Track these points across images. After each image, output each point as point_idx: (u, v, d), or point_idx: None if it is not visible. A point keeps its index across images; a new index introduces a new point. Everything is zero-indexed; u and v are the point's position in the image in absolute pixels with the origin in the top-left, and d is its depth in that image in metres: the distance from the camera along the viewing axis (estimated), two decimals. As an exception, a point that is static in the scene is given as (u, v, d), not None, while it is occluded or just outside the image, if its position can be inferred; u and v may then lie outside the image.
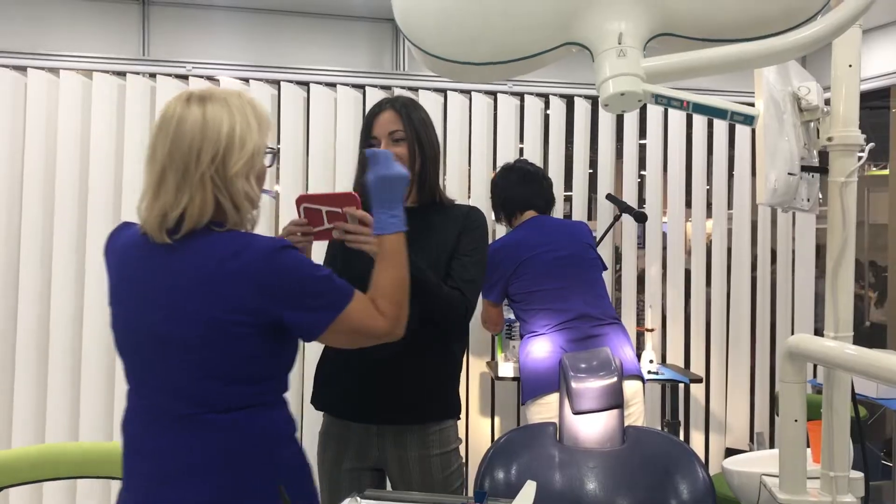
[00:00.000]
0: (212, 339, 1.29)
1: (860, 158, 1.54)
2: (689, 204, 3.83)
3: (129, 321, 1.37)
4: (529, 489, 1.19)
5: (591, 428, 1.97)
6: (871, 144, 1.58)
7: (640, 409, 2.71)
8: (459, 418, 1.99)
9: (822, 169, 1.62)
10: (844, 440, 1.60)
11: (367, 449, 1.88)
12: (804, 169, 1.63)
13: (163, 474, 1.33)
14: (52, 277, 3.13)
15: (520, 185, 2.94)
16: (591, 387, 1.98)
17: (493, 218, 3.10)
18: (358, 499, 1.20)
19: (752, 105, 1.46)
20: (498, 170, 3.10)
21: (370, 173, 1.50)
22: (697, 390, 3.79)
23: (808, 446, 1.79)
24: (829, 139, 1.55)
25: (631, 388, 2.65)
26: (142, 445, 1.37)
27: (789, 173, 1.56)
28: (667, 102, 1.00)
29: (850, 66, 1.52)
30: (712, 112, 0.99)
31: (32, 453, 1.94)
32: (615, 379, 1.98)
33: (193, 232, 1.31)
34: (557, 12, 1.06)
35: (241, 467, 1.33)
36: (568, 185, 3.69)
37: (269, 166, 1.43)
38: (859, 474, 1.64)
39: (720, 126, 3.79)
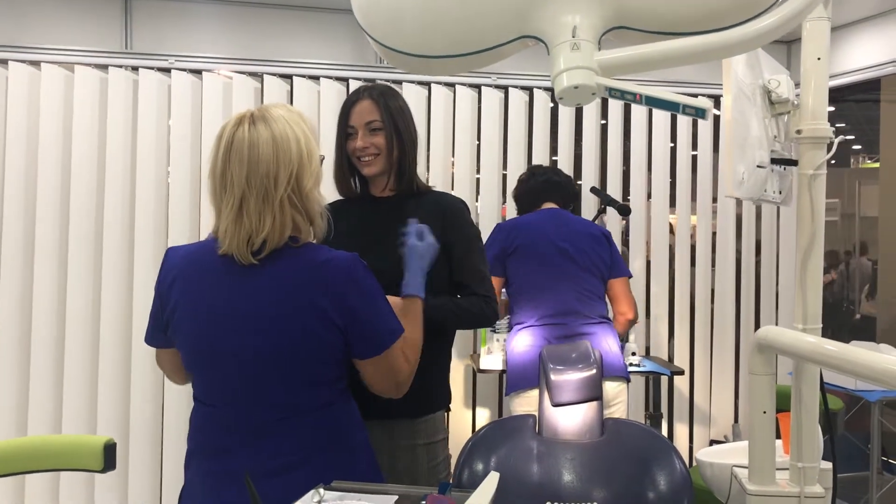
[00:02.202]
0: (303, 349, 1.38)
1: (829, 149, 1.55)
2: (673, 197, 3.84)
3: (209, 340, 1.42)
4: (491, 481, 1.20)
5: (570, 420, 1.98)
6: (841, 137, 1.58)
7: (622, 408, 2.70)
8: (449, 409, 2.00)
9: (792, 161, 1.63)
10: (813, 431, 1.60)
11: None
12: (774, 161, 1.63)
13: (252, 474, 1.37)
14: (34, 271, 3.14)
15: (531, 188, 2.96)
16: (569, 379, 1.99)
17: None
18: (321, 490, 1.20)
19: (721, 97, 1.46)
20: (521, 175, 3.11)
21: (417, 241, 1.67)
22: (682, 383, 3.81)
23: (780, 438, 1.80)
24: (798, 132, 1.55)
25: (614, 388, 2.65)
26: (226, 450, 1.44)
27: (758, 165, 1.56)
28: (620, 96, 1.00)
29: (819, 59, 1.53)
30: (665, 105, 0.99)
31: (13, 445, 1.95)
32: (594, 371, 1.99)
33: (273, 250, 1.38)
34: (512, 5, 1.06)
35: (325, 456, 1.43)
36: (553, 178, 3.69)
37: None
38: (829, 465, 1.65)
39: (703, 124, 3.80)
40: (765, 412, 1.56)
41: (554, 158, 3.72)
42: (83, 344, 3.17)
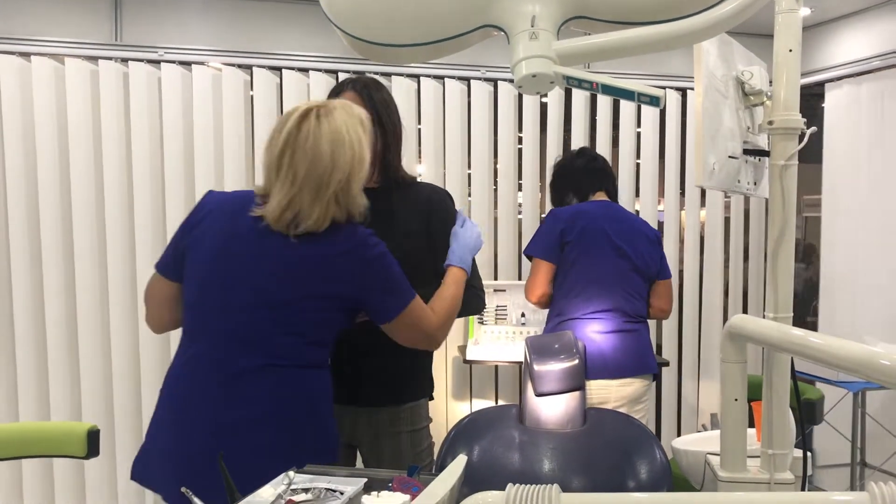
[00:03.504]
0: (307, 307, 1.53)
1: (800, 140, 1.56)
2: (661, 193, 3.86)
3: (225, 270, 1.55)
4: (457, 464, 1.22)
5: (553, 410, 2.00)
6: (813, 129, 1.60)
7: (649, 405, 2.75)
8: (432, 398, 2.03)
9: (764, 152, 1.64)
10: (784, 419, 1.62)
11: (340, 427, 1.91)
12: (746, 152, 1.65)
13: (223, 423, 1.50)
14: (42, 263, 3.17)
15: (591, 170, 2.88)
16: (552, 369, 2.01)
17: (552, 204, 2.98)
18: (291, 473, 1.22)
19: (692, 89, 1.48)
20: (562, 157, 3.01)
21: (458, 228, 1.87)
22: (670, 374, 3.83)
23: (754, 426, 1.82)
24: (770, 123, 1.56)
25: (645, 386, 2.69)
26: (203, 391, 1.53)
27: (730, 156, 1.58)
28: (577, 84, 1.02)
29: (791, 50, 1.54)
30: (620, 93, 1.01)
31: (5, 431, 1.98)
32: (576, 362, 2.01)
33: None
34: (472, -6, 1.09)
35: (296, 416, 1.55)
36: (542, 172, 3.71)
37: None
38: (801, 452, 1.67)
39: (693, 117, 3.82)
40: (736, 400, 1.58)
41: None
42: (94, 334, 3.21)
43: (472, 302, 1.94)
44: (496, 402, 3.62)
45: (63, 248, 3.19)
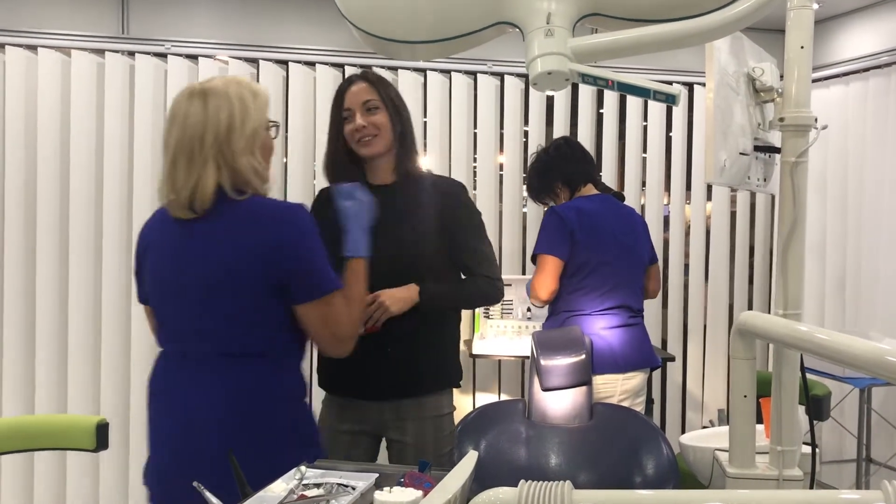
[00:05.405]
0: (245, 287, 1.49)
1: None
2: (668, 188, 3.86)
3: (162, 277, 1.58)
4: (468, 460, 1.22)
5: (559, 404, 2.00)
6: (825, 126, 1.59)
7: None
8: (459, 386, 2.06)
9: (775, 149, 1.64)
10: (792, 415, 1.62)
11: (366, 416, 1.96)
12: (757, 149, 1.65)
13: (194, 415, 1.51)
14: (36, 257, 3.18)
15: (581, 159, 2.85)
16: (559, 364, 2.01)
17: (533, 198, 2.99)
18: (303, 468, 1.23)
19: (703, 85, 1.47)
20: (544, 148, 2.94)
21: (347, 202, 1.66)
22: (674, 369, 3.83)
23: (763, 423, 1.82)
24: (781, 119, 1.56)
25: (644, 379, 2.71)
26: (170, 387, 1.57)
27: (741, 153, 1.58)
28: (593, 81, 1.02)
29: (803, 47, 1.53)
30: (636, 91, 1.01)
31: (8, 424, 1.99)
32: (583, 356, 2.01)
33: (219, 202, 1.50)
34: (488, -8, 1.09)
35: (258, 408, 1.52)
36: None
37: (275, 137, 1.63)
38: (809, 449, 1.67)
39: (699, 112, 3.81)
40: (745, 396, 1.58)
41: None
42: (85, 327, 3.21)
43: (483, 291, 1.97)
44: (499, 396, 3.63)
45: (59, 242, 3.19)
